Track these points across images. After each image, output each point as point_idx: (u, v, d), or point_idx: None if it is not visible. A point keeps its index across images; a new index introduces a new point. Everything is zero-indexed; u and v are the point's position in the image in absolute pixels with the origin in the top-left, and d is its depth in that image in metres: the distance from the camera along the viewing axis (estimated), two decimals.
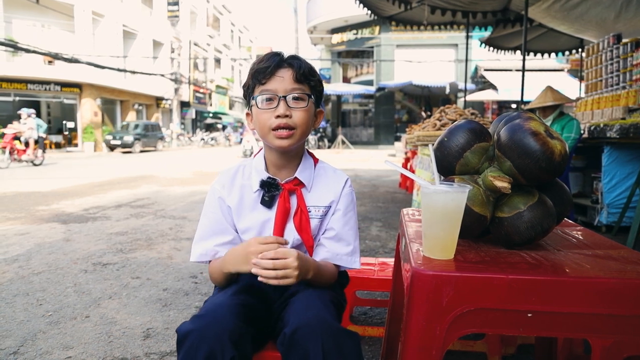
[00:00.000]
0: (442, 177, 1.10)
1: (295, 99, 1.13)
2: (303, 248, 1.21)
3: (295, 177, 1.20)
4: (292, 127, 1.12)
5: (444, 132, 1.11)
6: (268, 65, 1.12)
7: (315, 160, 1.27)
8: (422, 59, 21.50)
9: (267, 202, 1.19)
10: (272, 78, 1.12)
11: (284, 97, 1.12)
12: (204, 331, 0.95)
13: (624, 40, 4.98)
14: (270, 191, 1.18)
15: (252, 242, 1.09)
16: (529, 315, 0.86)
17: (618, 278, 0.87)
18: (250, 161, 1.27)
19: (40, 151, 12.57)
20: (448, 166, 1.09)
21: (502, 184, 0.99)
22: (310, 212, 1.21)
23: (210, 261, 1.23)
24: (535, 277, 0.87)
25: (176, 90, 28.22)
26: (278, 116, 1.11)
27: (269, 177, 1.19)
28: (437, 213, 0.93)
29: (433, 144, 1.12)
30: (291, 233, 1.20)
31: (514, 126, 0.99)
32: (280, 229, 1.18)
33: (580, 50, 7.56)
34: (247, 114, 1.23)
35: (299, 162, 1.23)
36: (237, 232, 1.23)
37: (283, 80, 1.12)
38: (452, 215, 0.93)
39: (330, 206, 1.23)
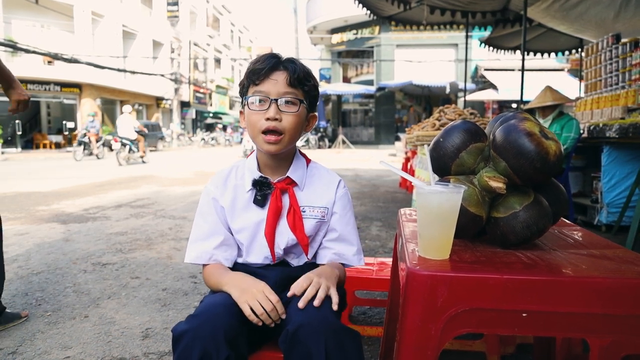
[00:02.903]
0: (438, 178, 1.10)
1: (287, 102, 1.14)
2: (299, 247, 1.22)
3: (287, 176, 1.21)
4: (280, 131, 1.13)
5: (440, 132, 1.12)
6: (263, 67, 1.12)
7: (308, 161, 1.29)
8: (422, 58, 21.49)
9: (259, 202, 1.20)
10: (265, 80, 1.13)
11: (276, 100, 1.12)
12: (198, 331, 0.95)
13: (623, 40, 4.99)
14: (262, 190, 1.19)
15: (263, 288, 1.06)
16: (524, 315, 0.86)
17: (614, 277, 0.87)
18: (243, 162, 1.28)
19: None
20: (444, 166, 1.09)
21: (498, 184, 0.99)
22: (304, 211, 1.21)
23: (205, 265, 1.22)
24: (531, 277, 0.87)
25: (176, 90, 28.24)
26: (268, 119, 1.12)
27: (260, 176, 1.20)
28: (432, 213, 0.94)
29: (429, 144, 1.13)
30: (285, 232, 1.20)
31: (509, 126, 0.99)
32: (272, 228, 1.18)
33: (579, 50, 7.56)
34: (241, 112, 1.23)
35: (291, 162, 1.24)
36: (230, 233, 1.24)
37: (276, 83, 1.13)
38: (447, 215, 0.93)
39: (327, 208, 1.24)
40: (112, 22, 21.98)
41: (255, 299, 1.03)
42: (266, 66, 1.12)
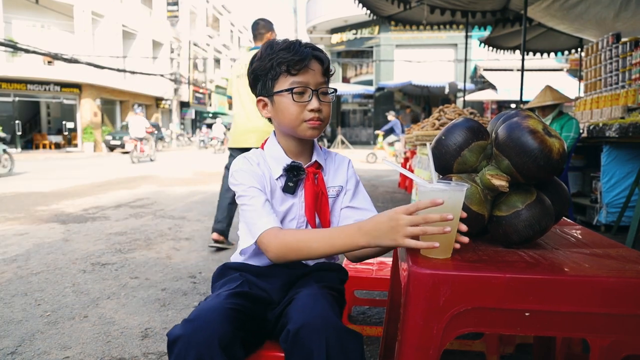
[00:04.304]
0: (440, 176, 1.10)
1: (324, 93, 1.17)
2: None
3: (316, 161, 1.25)
4: (322, 119, 1.17)
5: (441, 131, 1.11)
6: (303, 58, 1.13)
7: (320, 147, 1.33)
8: (421, 59, 21.50)
9: (290, 188, 1.20)
10: (305, 71, 1.14)
11: (316, 91, 1.15)
12: (192, 337, 0.93)
13: (623, 40, 4.99)
14: (297, 175, 1.20)
15: (398, 215, 0.93)
16: (527, 314, 0.85)
17: (617, 277, 0.86)
18: (258, 151, 1.28)
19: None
20: (446, 165, 1.08)
21: (500, 182, 0.98)
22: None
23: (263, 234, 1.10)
24: (533, 276, 0.86)
25: (176, 90, 28.20)
26: (312, 110, 1.14)
27: (293, 162, 1.21)
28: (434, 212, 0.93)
29: (431, 143, 1.12)
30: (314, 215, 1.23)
31: (512, 124, 0.98)
32: (311, 211, 1.21)
33: (579, 49, 7.56)
34: (260, 101, 1.22)
35: (312, 148, 1.27)
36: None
37: (315, 74, 1.15)
38: (449, 213, 0.92)
39: (342, 186, 1.29)
40: (112, 22, 21.95)
41: (406, 227, 0.91)
42: (305, 57, 1.13)
